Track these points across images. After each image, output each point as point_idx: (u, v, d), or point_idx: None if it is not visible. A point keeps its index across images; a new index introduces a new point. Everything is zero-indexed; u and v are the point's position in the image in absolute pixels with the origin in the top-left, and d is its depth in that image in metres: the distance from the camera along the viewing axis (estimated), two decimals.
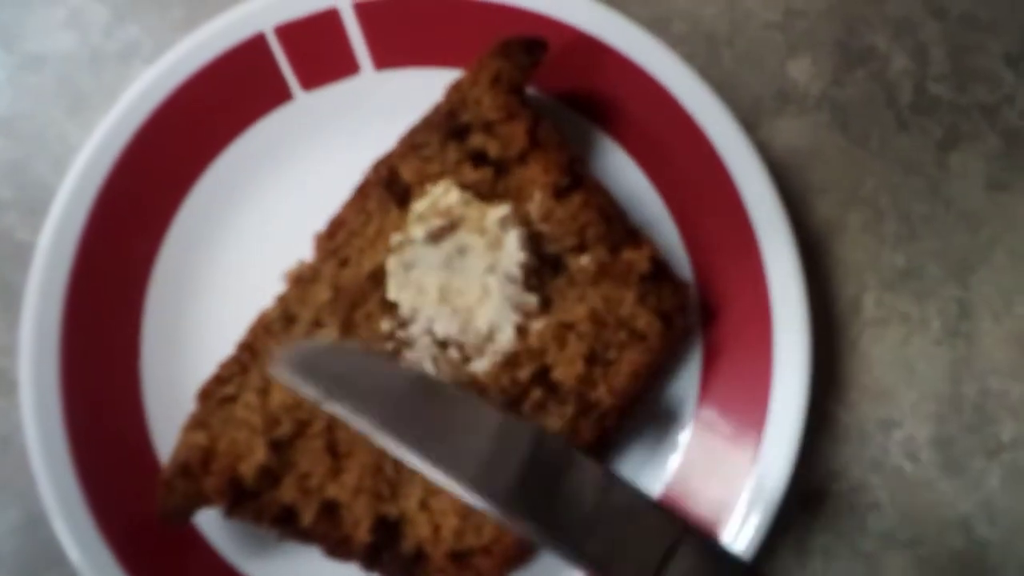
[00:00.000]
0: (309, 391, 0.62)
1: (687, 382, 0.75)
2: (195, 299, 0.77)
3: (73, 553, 0.71)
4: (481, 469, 0.60)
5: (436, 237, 0.69)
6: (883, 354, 0.78)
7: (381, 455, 0.69)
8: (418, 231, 0.69)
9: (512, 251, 0.68)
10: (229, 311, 0.74)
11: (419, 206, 0.69)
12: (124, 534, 0.72)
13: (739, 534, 0.71)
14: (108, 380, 0.74)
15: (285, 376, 0.63)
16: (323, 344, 0.68)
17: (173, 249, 0.77)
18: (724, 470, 0.73)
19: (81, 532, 0.71)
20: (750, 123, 0.80)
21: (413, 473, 0.69)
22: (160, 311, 0.76)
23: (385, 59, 0.78)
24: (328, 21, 0.77)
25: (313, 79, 0.78)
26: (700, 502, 0.73)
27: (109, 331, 0.75)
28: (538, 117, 0.72)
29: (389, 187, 0.71)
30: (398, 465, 0.69)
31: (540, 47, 0.73)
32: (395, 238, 0.69)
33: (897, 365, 0.78)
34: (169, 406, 0.74)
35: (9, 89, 0.82)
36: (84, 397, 0.73)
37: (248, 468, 0.68)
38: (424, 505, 0.69)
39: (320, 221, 0.73)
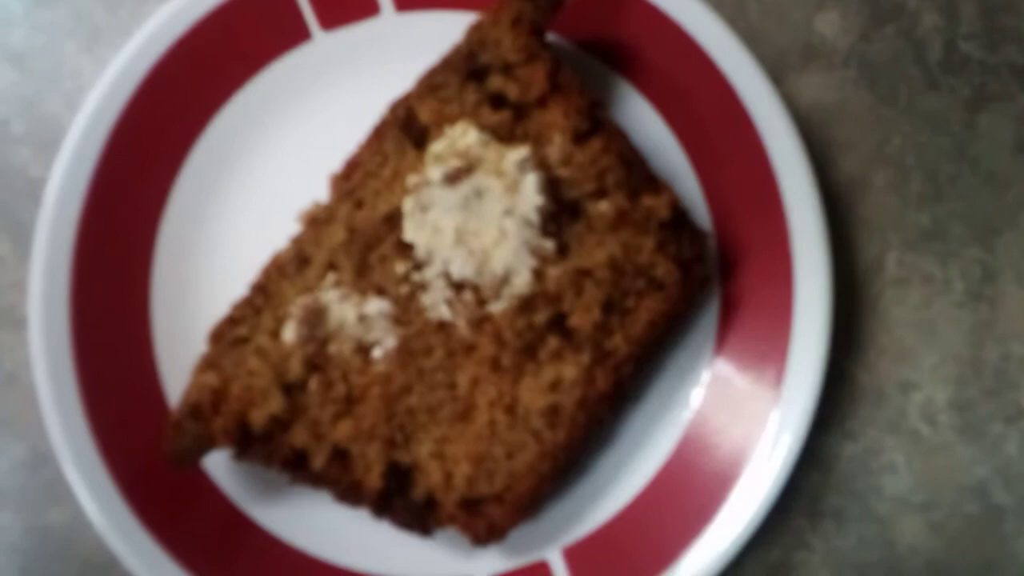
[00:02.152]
0: None
1: (703, 334, 0.74)
2: (207, 238, 0.76)
3: (80, 491, 0.70)
4: None
5: (453, 179, 0.68)
6: (904, 315, 0.77)
7: (394, 401, 0.68)
8: (435, 172, 0.68)
9: (530, 195, 0.67)
10: (241, 252, 0.73)
11: (436, 147, 0.68)
12: (131, 474, 0.71)
13: (751, 492, 0.70)
14: (118, 318, 0.74)
15: None
16: None
17: (186, 188, 0.76)
18: (738, 426, 0.72)
19: (89, 471, 0.70)
20: (775, 77, 0.78)
21: (427, 420, 0.68)
22: (171, 250, 0.75)
23: (407, 0, 0.76)
24: None
25: (332, 19, 0.76)
26: (713, 457, 0.72)
27: (119, 269, 0.74)
28: (558, 60, 0.70)
29: (406, 128, 0.70)
30: (411, 411, 0.68)
31: None
32: (411, 179, 0.68)
33: (918, 326, 0.77)
34: (179, 346, 0.74)
35: (24, 23, 0.81)
36: (93, 335, 0.72)
37: (260, 415, 0.67)
38: (437, 452, 0.68)
39: (336, 162, 0.72)
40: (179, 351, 0.73)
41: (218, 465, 0.73)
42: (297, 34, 0.76)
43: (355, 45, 0.77)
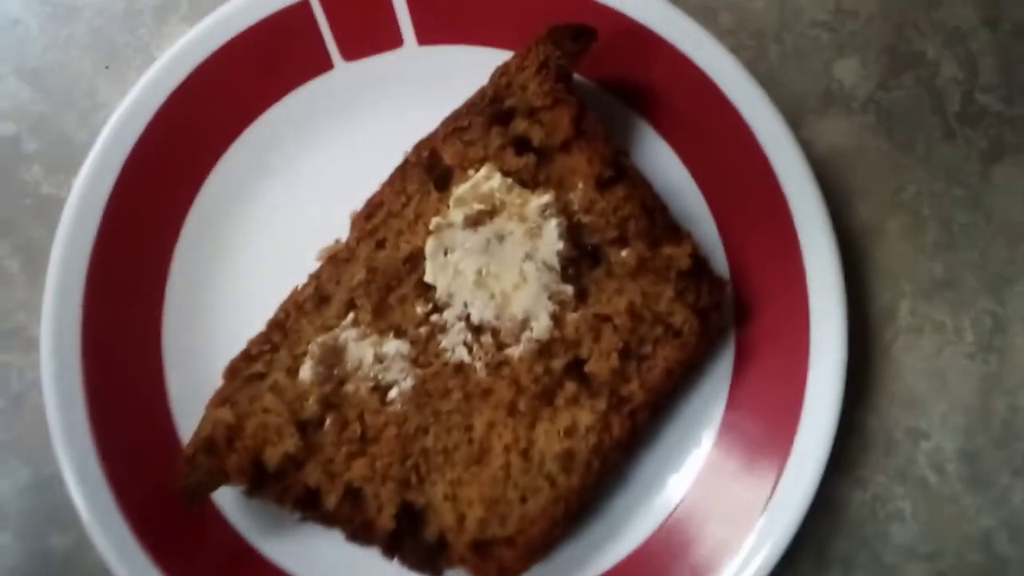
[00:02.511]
0: None
1: (718, 380, 0.74)
2: (222, 267, 0.75)
3: (86, 518, 0.69)
4: None
5: (475, 222, 0.68)
6: (915, 363, 0.78)
7: (409, 442, 0.67)
8: (457, 215, 0.67)
9: (551, 240, 0.67)
10: (257, 286, 0.73)
11: (460, 190, 0.68)
12: (139, 502, 0.70)
13: (762, 537, 0.70)
14: (130, 345, 0.73)
15: None
16: None
17: (202, 215, 0.75)
18: (751, 472, 0.72)
19: (95, 498, 0.70)
20: (793, 121, 0.78)
21: (441, 462, 0.68)
22: (186, 276, 0.75)
23: (429, 34, 0.76)
24: None
25: (355, 49, 0.76)
26: (724, 503, 0.72)
27: (133, 296, 0.73)
28: (584, 106, 0.70)
29: (429, 170, 0.70)
30: (426, 453, 0.68)
31: (588, 35, 0.71)
32: (434, 221, 0.68)
33: (928, 375, 0.78)
34: (191, 377, 0.73)
35: (40, 39, 0.80)
36: (104, 360, 0.72)
37: (275, 453, 0.67)
38: (450, 494, 0.68)
39: (354, 194, 0.72)
40: (191, 381, 0.73)
41: (227, 496, 0.72)
42: (319, 63, 0.76)
43: (377, 77, 0.76)
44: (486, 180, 0.68)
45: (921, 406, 0.77)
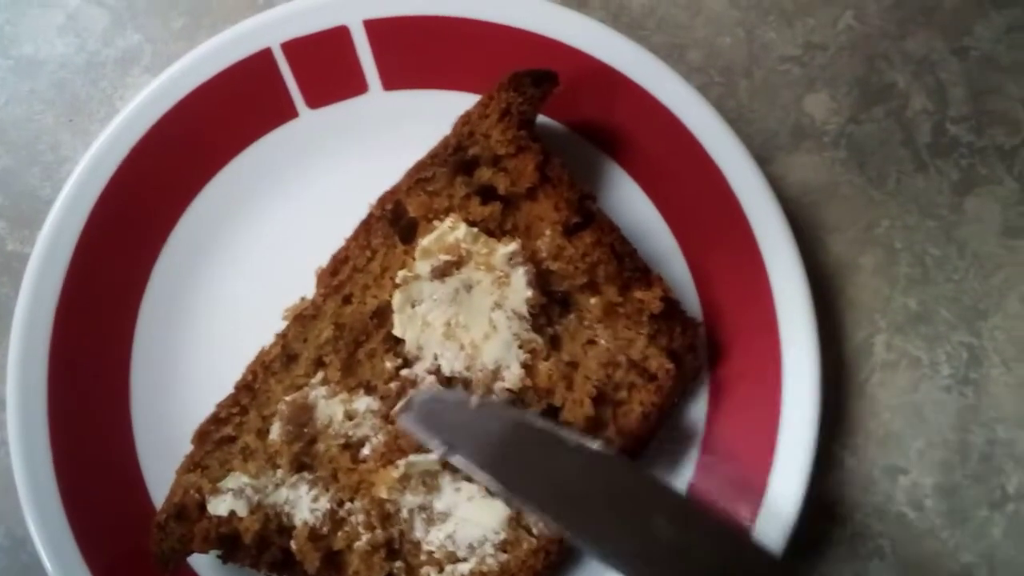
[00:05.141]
0: (433, 443, 0.63)
1: (692, 423, 0.73)
2: (188, 332, 0.74)
3: None
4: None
5: (442, 273, 0.67)
6: (891, 398, 0.77)
7: (383, 504, 0.67)
8: (424, 267, 0.67)
9: (520, 288, 0.67)
10: (224, 347, 0.72)
11: (425, 241, 0.67)
12: (110, 566, 0.69)
13: None
14: (97, 408, 0.72)
15: (411, 427, 0.65)
16: (445, 396, 0.67)
17: (167, 273, 0.75)
18: (728, 512, 0.71)
19: (66, 561, 0.69)
20: (764, 157, 0.78)
21: (425, 530, 0.67)
22: (152, 342, 0.74)
23: (394, 79, 0.75)
24: (337, 38, 0.74)
25: (319, 97, 0.75)
26: None
27: (99, 358, 0.73)
28: (548, 152, 0.70)
29: (394, 222, 0.69)
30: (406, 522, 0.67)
31: (550, 79, 0.71)
32: (400, 274, 0.67)
33: (905, 410, 0.77)
34: (161, 440, 0.72)
35: (2, 94, 0.80)
36: (72, 422, 0.71)
37: (248, 526, 0.66)
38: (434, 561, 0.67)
39: (319, 250, 0.71)
40: (161, 444, 0.72)
41: (202, 559, 0.70)
42: (283, 112, 0.75)
43: (342, 123, 0.76)
44: (451, 230, 0.67)
45: (898, 442, 0.77)
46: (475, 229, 0.67)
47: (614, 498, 0.61)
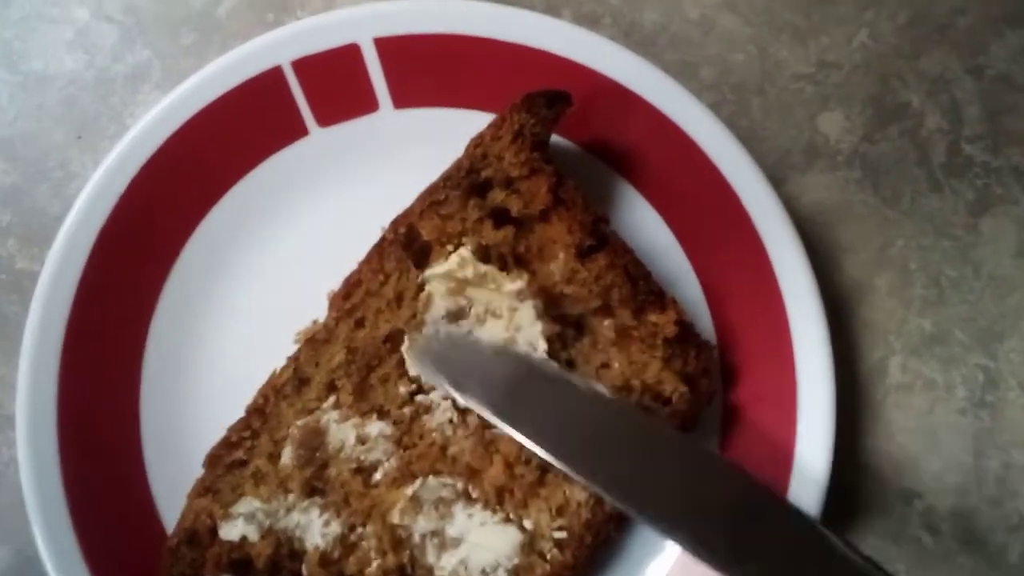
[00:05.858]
0: (440, 381, 0.64)
1: (706, 444, 0.72)
2: (199, 354, 0.73)
3: None
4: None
5: (456, 317, 0.67)
6: (906, 421, 0.76)
7: (399, 528, 0.66)
8: (438, 312, 0.67)
9: (529, 323, 0.66)
10: (235, 370, 0.71)
11: (437, 284, 0.67)
12: None
13: None
14: (107, 428, 0.71)
15: (419, 366, 0.65)
16: (454, 337, 0.67)
17: (177, 292, 0.74)
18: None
19: None
20: (777, 177, 0.78)
21: (437, 555, 0.66)
22: (162, 363, 0.73)
23: (405, 97, 0.75)
24: (348, 56, 0.74)
25: (330, 115, 0.75)
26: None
27: (109, 378, 0.72)
28: (561, 175, 0.69)
29: (407, 246, 0.69)
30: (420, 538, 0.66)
31: (563, 100, 0.70)
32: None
33: (920, 433, 0.76)
34: (172, 462, 0.71)
35: (11, 109, 0.79)
36: (82, 441, 0.70)
37: (260, 551, 0.65)
38: None
39: (331, 273, 0.70)
40: (172, 465, 0.71)
41: None
42: (293, 130, 0.75)
43: (353, 142, 0.75)
44: (461, 267, 0.66)
45: (913, 465, 0.76)
46: (483, 267, 0.66)
47: (626, 440, 0.61)
